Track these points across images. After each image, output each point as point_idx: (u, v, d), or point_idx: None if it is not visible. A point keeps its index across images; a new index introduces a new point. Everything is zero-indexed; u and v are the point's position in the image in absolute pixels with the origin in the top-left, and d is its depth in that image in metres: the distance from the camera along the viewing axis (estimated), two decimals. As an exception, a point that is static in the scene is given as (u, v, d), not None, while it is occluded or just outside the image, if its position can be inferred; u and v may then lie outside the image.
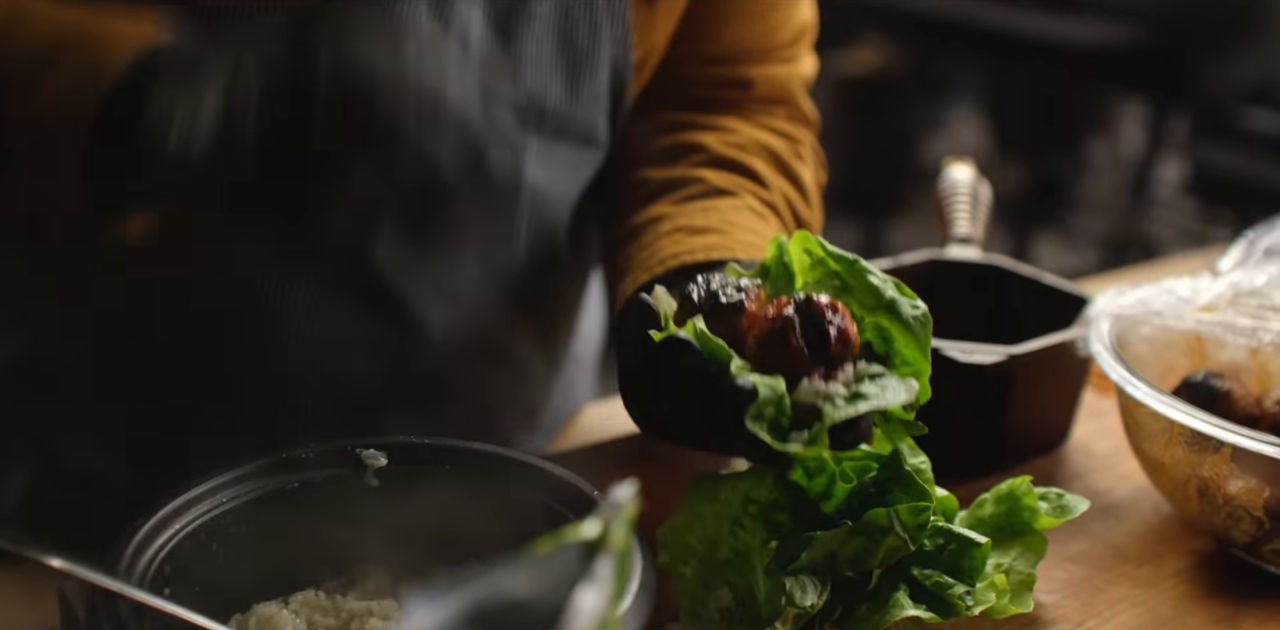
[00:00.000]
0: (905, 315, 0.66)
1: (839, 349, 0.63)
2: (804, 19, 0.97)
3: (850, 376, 0.63)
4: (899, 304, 0.66)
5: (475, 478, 0.69)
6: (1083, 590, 0.78)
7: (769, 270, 0.69)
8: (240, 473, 0.66)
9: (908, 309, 0.66)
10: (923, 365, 0.66)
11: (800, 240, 0.69)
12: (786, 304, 0.64)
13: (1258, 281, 0.88)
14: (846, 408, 0.61)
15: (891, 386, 0.63)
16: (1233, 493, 0.77)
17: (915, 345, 0.66)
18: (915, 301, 0.66)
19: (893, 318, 0.66)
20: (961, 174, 1.09)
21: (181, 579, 0.62)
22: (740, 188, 0.90)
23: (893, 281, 0.67)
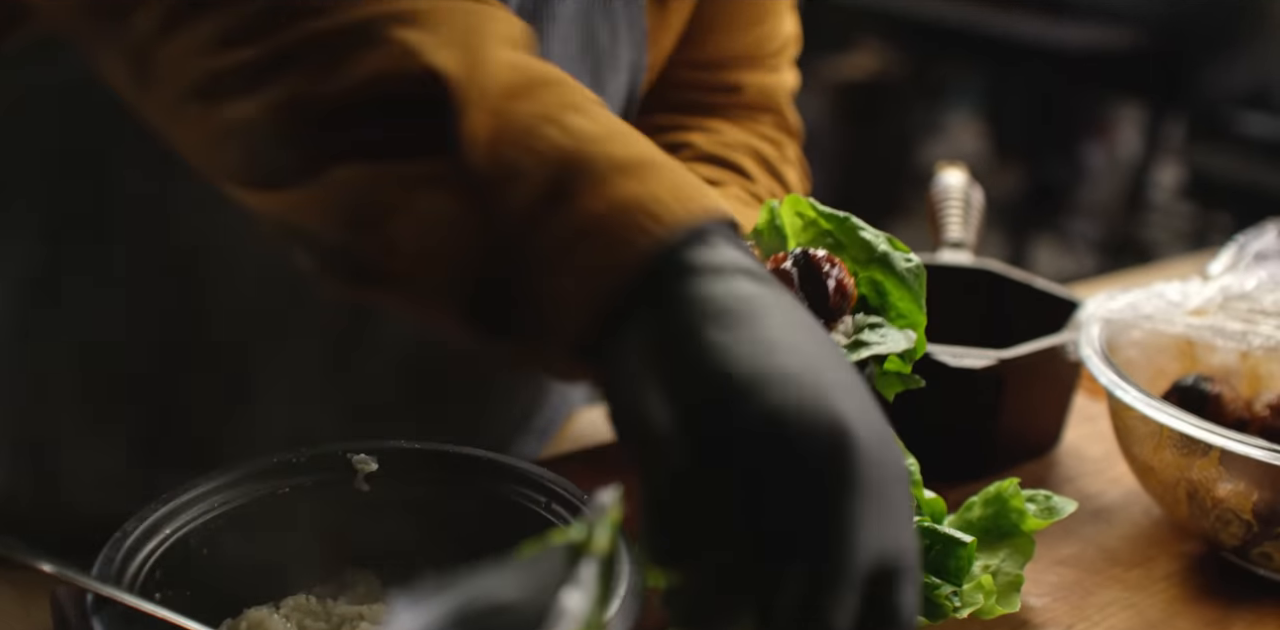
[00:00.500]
0: (899, 268, 0.67)
1: (838, 300, 0.64)
2: (790, 31, 0.99)
3: (850, 328, 0.65)
4: (892, 257, 0.67)
5: (466, 482, 0.69)
6: (1073, 593, 0.78)
7: (761, 235, 0.71)
8: (231, 477, 0.67)
9: (901, 262, 0.67)
10: (918, 317, 0.67)
11: (791, 203, 0.70)
12: (784, 259, 0.65)
13: (1247, 286, 0.88)
14: (850, 355, 0.63)
15: (891, 335, 0.65)
16: (1221, 496, 0.77)
17: (910, 297, 0.67)
18: (908, 255, 0.67)
19: (887, 271, 0.67)
20: (954, 179, 1.09)
21: (173, 584, 0.62)
22: (727, 180, 0.91)
23: (885, 236, 0.68)
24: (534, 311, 0.51)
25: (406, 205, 0.52)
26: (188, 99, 0.57)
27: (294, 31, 0.55)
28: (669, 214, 0.50)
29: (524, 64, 0.55)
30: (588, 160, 0.51)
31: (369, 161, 0.53)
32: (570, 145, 0.52)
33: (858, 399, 0.48)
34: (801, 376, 0.46)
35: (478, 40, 0.54)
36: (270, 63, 0.55)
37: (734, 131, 0.96)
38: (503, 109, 0.53)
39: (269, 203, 0.57)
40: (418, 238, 0.52)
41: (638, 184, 0.51)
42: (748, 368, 0.47)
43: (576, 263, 0.50)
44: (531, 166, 0.51)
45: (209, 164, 0.59)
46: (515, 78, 0.54)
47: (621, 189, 0.50)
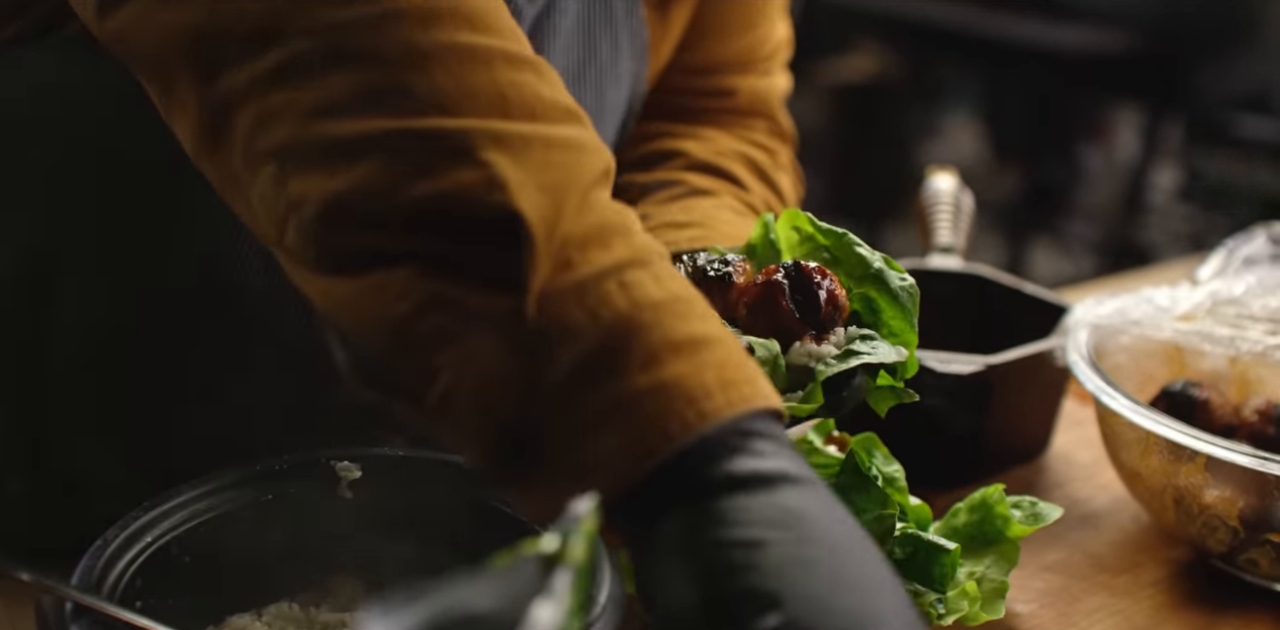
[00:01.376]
0: (893, 286, 0.67)
1: (829, 311, 0.64)
2: (782, 35, 0.99)
3: (841, 340, 0.65)
4: (887, 275, 0.67)
5: (449, 489, 0.69)
6: (1059, 600, 0.78)
7: (755, 248, 0.71)
8: (213, 485, 0.66)
9: (895, 280, 0.67)
10: (910, 336, 0.67)
11: (789, 217, 0.70)
12: (775, 270, 0.65)
13: (1236, 291, 0.88)
14: (839, 364, 0.63)
15: (882, 347, 0.65)
16: (1208, 502, 0.77)
17: (902, 316, 0.67)
18: (903, 274, 0.67)
19: (880, 289, 0.67)
20: (944, 183, 1.09)
21: (154, 592, 0.62)
22: (721, 189, 0.91)
23: (881, 255, 0.68)
24: (555, 473, 0.50)
25: (458, 340, 0.51)
26: (264, 158, 0.55)
27: (391, 122, 0.53)
28: (710, 404, 0.49)
29: (600, 209, 0.54)
30: (641, 331, 0.50)
31: (429, 273, 0.52)
32: (627, 311, 0.51)
33: (896, 623, 0.46)
34: (830, 612, 0.46)
35: (566, 185, 0.53)
36: (357, 146, 0.53)
37: (726, 139, 0.96)
38: (571, 259, 0.52)
39: (318, 289, 0.55)
40: (459, 378, 0.51)
41: (685, 366, 0.50)
42: (770, 586, 0.46)
43: (609, 439, 0.49)
44: (585, 326, 0.50)
45: (267, 232, 0.57)
46: (592, 223, 0.53)
47: (668, 369, 0.50)
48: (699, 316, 0.53)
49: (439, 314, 0.51)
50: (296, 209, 0.54)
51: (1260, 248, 0.93)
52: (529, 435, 0.51)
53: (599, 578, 0.59)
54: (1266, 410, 0.86)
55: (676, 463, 0.49)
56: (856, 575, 0.48)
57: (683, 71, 0.95)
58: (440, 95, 0.53)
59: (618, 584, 0.60)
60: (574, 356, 0.50)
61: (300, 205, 0.54)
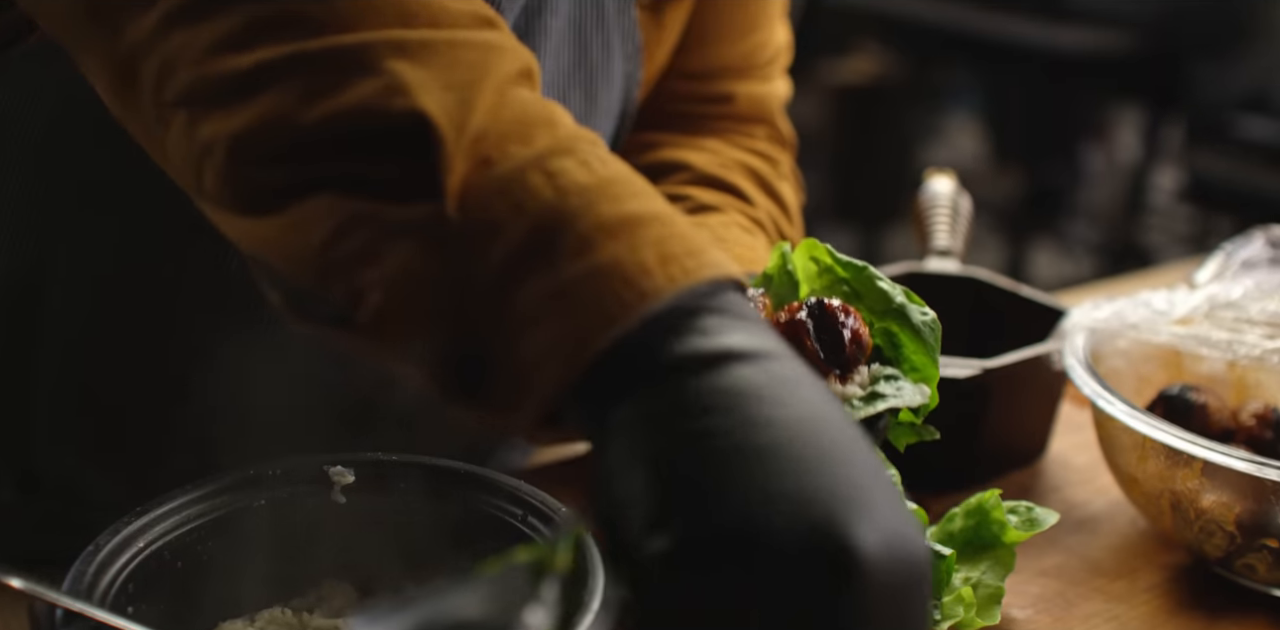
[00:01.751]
0: (915, 321, 0.66)
1: (853, 350, 0.64)
2: (782, 40, 0.98)
3: (865, 379, 0.65)
4: (909, 310, 0.66)
5: (443, 494, 0.69)
6: (1055, 605, 0.78)
7: (771, 279, 0.70)
8: (206, 490, 0.66)
9: (917, 315, 0.66)
10: (931, 371, 0.67)
11: (807, 248, 0.69)
12: (798, 309, 0.64)
13: (1234, 294, 0.88)
14: (865, 408, 0.62)
15: (906, 389, 0.64)
16: (1205, 507, 0.77)
17: (924, 351, 0.66)
18: (924, 308, 0.67)
19: (902, 324, 0.66)
20: (942, 186, 1.09)
21: (146, 597, 0.62)
22: (727, 205, 0.90)
23: (902, 289, 0.67)
24: (505, 375, 0.48)
25: (377, 254, 0.50)
26: (172, 108, 0.54)
27: (287, 47, 0.52)
28: (650, 283, 0.47)
29: (521, 103, 0.52)
30: (570, 218, 0.48)
31: (344, 196, 0.50)
32: (553, 200, 0.49)
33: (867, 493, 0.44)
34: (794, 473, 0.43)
35: (475, 81, 0.51)
36: (258, 76, 0.52)
37: (728, 150, 0.95)
38: (489, 156, 0.50)
39: (242, 230, 0.54)
40: (386, 291, 0.50)
41: (620, 246, 0.47)
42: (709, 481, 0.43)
43: (547, 332, 0.47)
44: (510, 221, 0.48)
45: (185, 178, 0.56)
46: (509, 118, 0.51)
47: (601, 253, 0.47)
48: (634, 196, 0.50)
49: (358, 234, 0.50)
50: (208, 153, 0.53)
51: (1258, 251, 0.93)
52: (468, 341, 0.49)
53: (591, 583, 0.59)
54: (1264, 414, 0.86)
55: (622, 348, 0.46)
56: (812, 454, 0.44)
57: (681, 77, 0.95)
58: (337, 14, 0.52)
59: (611, 588, 0.60)
60: (502, 253, 0.48)
61: (210, 148, 0.53)
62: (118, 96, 0.58)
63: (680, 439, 0.44)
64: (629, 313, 0.46)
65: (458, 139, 0.50)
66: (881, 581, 0.42)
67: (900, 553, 0.43)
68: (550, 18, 0.80)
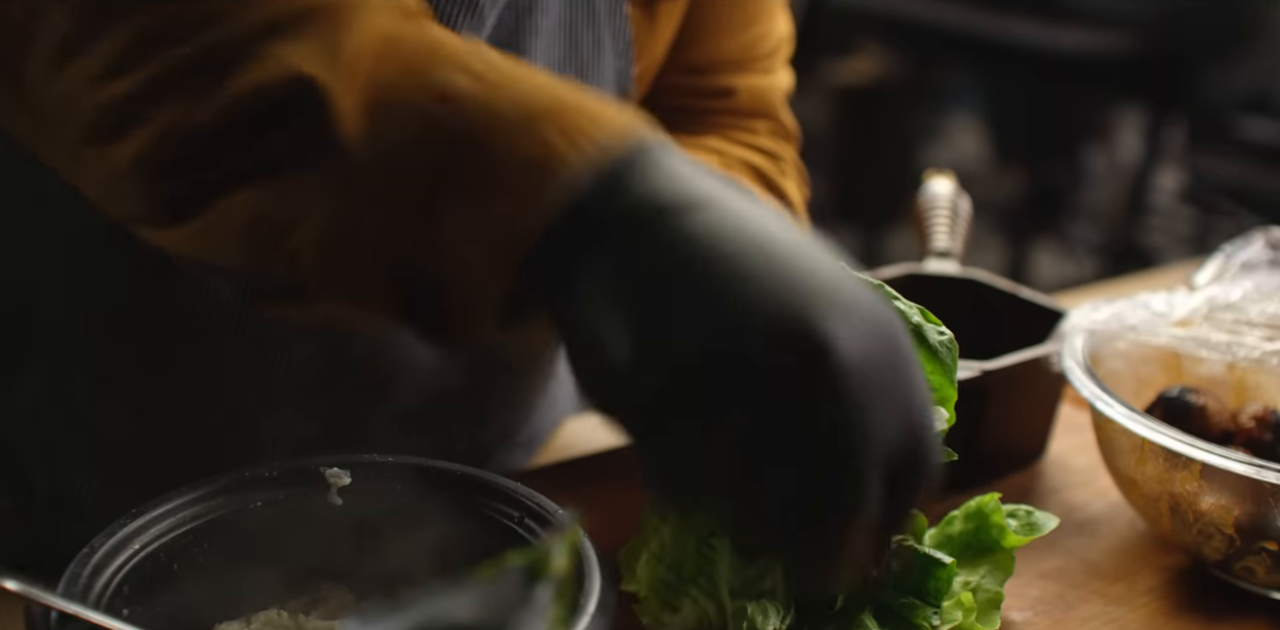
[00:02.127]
0: (932, 341, 0.66)
1: None
2: (783, 32, 0.97)
3: None
4: (925, 330, 0.66)
5: (439, 496, 0.69)
6: (1054, 608, 0.78)
7: None
8: (202, 492, 0.66)
9: (934, 335, 0.66)
10: (949, 391, 0.66)
11: None
12: None
13: (1233, 296, 0.88)
14: None
15: None
16: (1204, 510, 0.77)
17: (941, 372, 0.66)
18: (941, 328, 0.66)
19: (919, 344, 0.66)
20: (941, 187, 1.09)
21: (141, 599, 0.62)
22: None
23: (918, 308, 0.67)
24: (454, 297, 0.50)
25: (299, 219, 0.51)
26: (81, 144, 0.56)
27: (167, 58, 0.53)
28: (559, 160, 0.48)
29: (401, 39, 0.53)
30: (472, 130, 0.49)
31: (257, 182, 0.52)
32: (450, 117, 0.50)
33: (833, 291, 0.46)
34: (756, 283, 0.45)
35: (343, 29, 0.52)
36: (145, 96, 0.53)
37: (731, 149, 0.95)
38: (379, 97, 0.51)
39: (175, 240, 0.56)
40: (317, 249, 0.51)
41: (527, 139, 0.49)
42: (697, 289, 0.45)
43: (478, 241, 0.48)
44: (416, 151, 0.50)
45: (113, 209, 0.58)
46: (392, 58, 0.52)
47: (512, 152, 0.49)
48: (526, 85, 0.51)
49: (276, 209, 0.52)
50: (120, 179, 0.54)
51: (1258, 252, 0.93)
52: (410, 272, 0.50)
53: (587, 585, 0.59)
54: (1264, 416, 0.86)
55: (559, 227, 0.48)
56: (772, 264, 0.46)
57: (681, 71, 0.94)
58: (209, 11, 0.53)
59: (607, 591, 0.60)
60: (416, 182, 0.49)
61: (121, 174, 0.54)
62: (34, 141, 0.59)
63: (641, 283, 0.46)
64: (545, 192, 0.47)
65: (342, 87, 0.51)
66: (861, 363, 0.44)
67: (875, 334, 0.45)
68: (540, 16, 0.79)
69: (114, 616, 0.59)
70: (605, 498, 0.79)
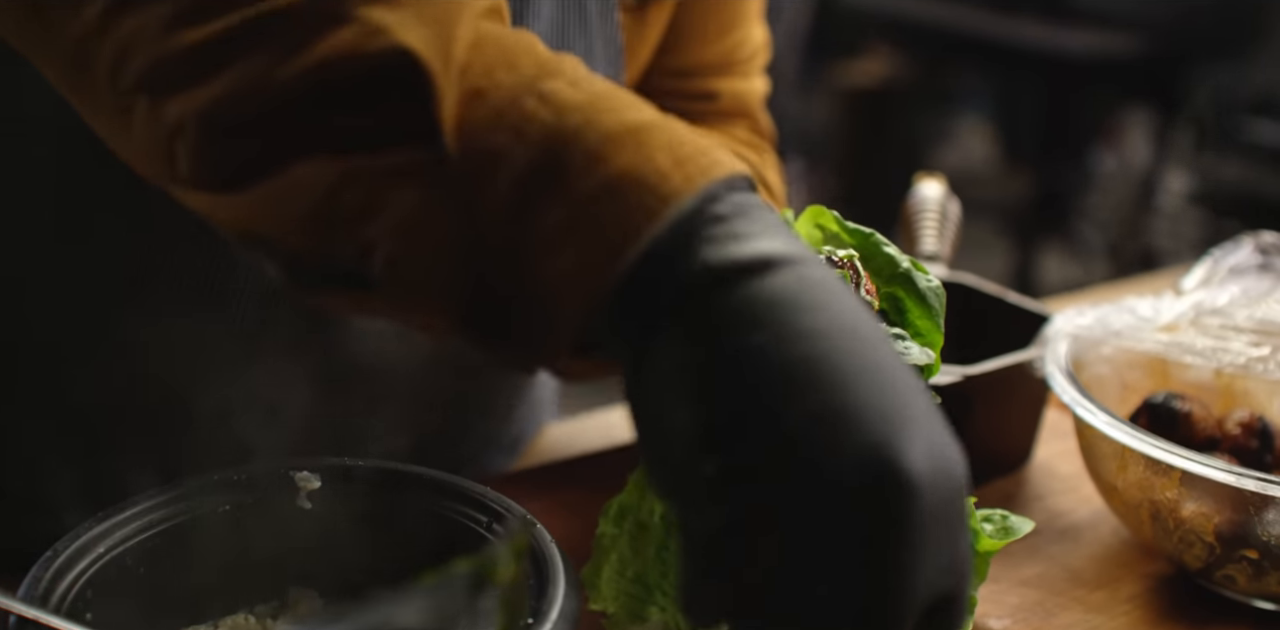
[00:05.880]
0: (921, 287, 0.67)
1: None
2: (760, 38, 0.99)
3: None
4: (914, 276, 0.67)
5: (409, 501, 0.68)
6: (1034, 615, 0.77)
7: None
8: (170, 495, 0.66)
9: (923, 281, 0.67)
10: (936, 337, 0.67)
11: (814, 214, 0.69)
12: None
13: (1220, 301, 0.87)
14: None
15: (914, 348, 0.64)
16: (1184, 517, 0.76)
17: (929, 317, 0.67)
18: (929, 275, 0.67)
19: (908, 289, 0.67)
20: (931, 190, 1.08)
21: (105, 604, 0.61)
22: None
23: (909, 258, 0.68)
24: (531, 309, 0.46)
25: (380, 204, 0.47)
26: (133, 92, 0.52)
27: (250, 10, 0.50)
28: (669, 186, 0.45)
29: (498, 34, 0.51)
30: (574, 136, 0.46)
31: (334, 155, 0.48)
32: (553, 121, 0.47)
33: (908, 405, 0.42)
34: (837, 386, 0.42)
35: (451, 15, 0.50)
36: (222, 46, 0.50)
37: (713, 139, 0.95)
38: (478, 87, 0.48)
39: (225, 207, 0.52)
40: (396, 240, 0.48)
41: (631, 155, 0.46)
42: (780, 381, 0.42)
43: (570, 253, 0.45)
44: (513, 148, 0.46)
45: (156, 166, 0.53)
46: (491, 50, 0.50)
47: (613, 164, 0.45)
48: (629, 106, 0.48)
49: (354, 189, 0.48)
50: (179, 133, 0.50)
51: (1246, 257, 0.92)
52: (488, 277, 0.47)
53: (550, 593, 0.59)
54: (1250, 423, 0.85)
55: (650, 260, 0.44)
56: (853, 367, 0.42)
57: (664, 74, 0.95)
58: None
59: (571, 599, 0.59)
60: (509, 181, 0.46)
61: (181, 128, 0.50)
62: (74, 93, 0.56)
63: (723, 356, 0.43)
64: (653, 219, 0.44)
65: (445, 71, 0.48)
66: (931, 499, 0.41)
67: (944, 467, 0.42)
68: (531, 21, 0.79)
69: (76, 621, 0.59)
70: (587, 502, 0.79)
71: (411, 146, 0.48)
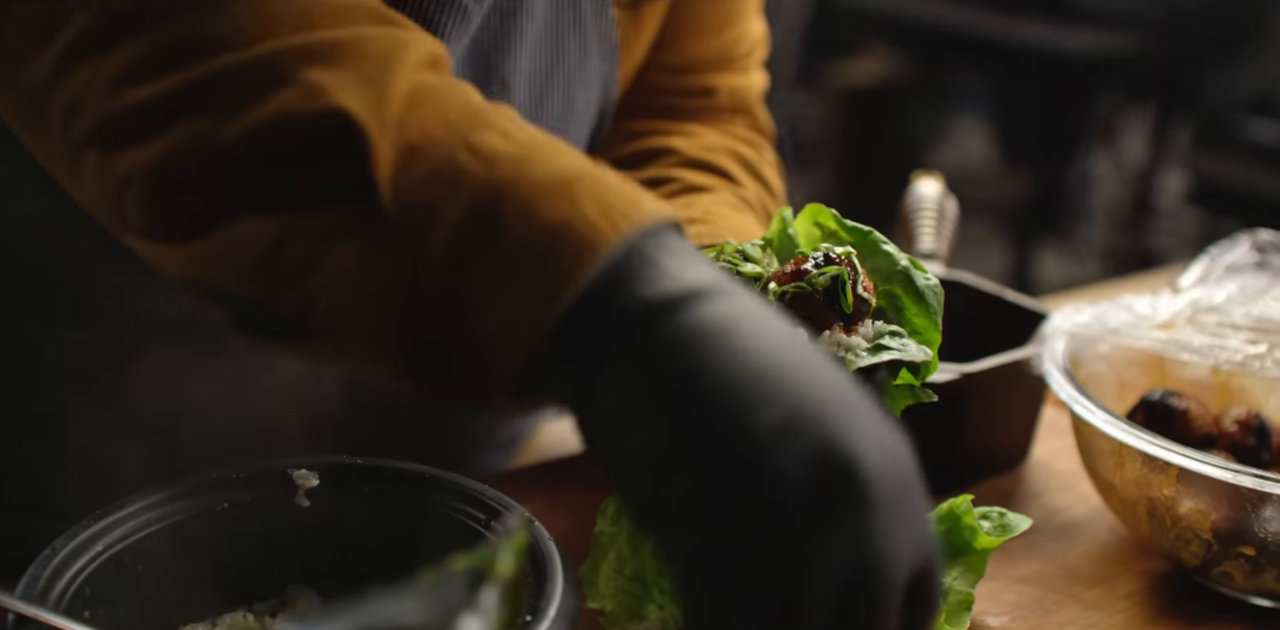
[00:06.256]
0: (919, 285, 0.67)
1: (859, 301, 0.65)
2: (758, 33, 0.98)
3: (870, 332, 0.65)
4: (912, 274, 0.67)
5: (407, 498, 0.68)
6: (1031, 613, 0.77)
7: (771, 244, 0.70)
8: (168, 493, 0.66)
9: (921, 279, 0.67)
10: (934, 335, 0.67)
11: (812, 213, 0.69)
12: (805, 261, 0.65)
13: (1217, 298, 0.87)
14: (869, 357, 0.63)
15: (911, 345, 0.65)
16: (1181, 514, 0.76)
17: (927, 315, 0.67)
18: (927, 274, 0.67)
19: (906, 287, 0.67)
20: (928, 189, 1.08)
21: (103, 602, 0.61)
22: (716, 185, 0.91)
23: (907, 256, 0.68)
24: (471, 356, 0.48)
25: (320, 259, 0.50)
26: (83, 146, 0.54)
27: (195, 70, 0.52)
28: (598, 234, 0.47)
29: (435, 86, 0.53)
30: (505, 186, 0.49)
31: (276, 211, 0.51)
32: (483, 173, 0.49)
33: (853, 408, 0.45)
34: (785, 397, 0.44)
35: (387, 72, 0.51)
36: (169, 104, 0.52)
37: (712, 135, 0.95)
38: (413, 142, 0.50)
39: (172, 258, 0.54)
40: (336, 293, 0.50)
41: (561, 205, 0.48)
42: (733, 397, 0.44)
43: (507, 302, 0.47)
44: (447, 202, 0.48)
45: (107, 214, 0.56)
46: (426, 104, 0.51)
47: (544, 215, 0.48)
48: (558, 153, 0.51)
49: (295, 244, 0.50)
50: (128, 186, 0.53)
51: (1243, 255, 0.92)
52: (429, 328, 0.49)
53: (549, 591, 0.59)
54: (1247, 420, 0.85)
55: (585, 302, 0.47)
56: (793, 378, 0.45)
57: (662, 70, 0.95)
58: (239, 30, 0.52)
59: (569, 597, 0.59)
60: (445, 235, 0.48)
61: (129, 181, 0.53)
62: (28, 133, 0.58)
63: (668, 382, 0.45)
64: (584, 266, 0.47)
65: (381, 130, 0.50)
66: (889, 484, 0.44)
67: (894, 457, 0.45)
68: (526, 20, 0.79)
69: (74, 619, 0.59)
70: (584, 500, 0.79)
71: (349, 203, 0.50)
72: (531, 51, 0.81)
